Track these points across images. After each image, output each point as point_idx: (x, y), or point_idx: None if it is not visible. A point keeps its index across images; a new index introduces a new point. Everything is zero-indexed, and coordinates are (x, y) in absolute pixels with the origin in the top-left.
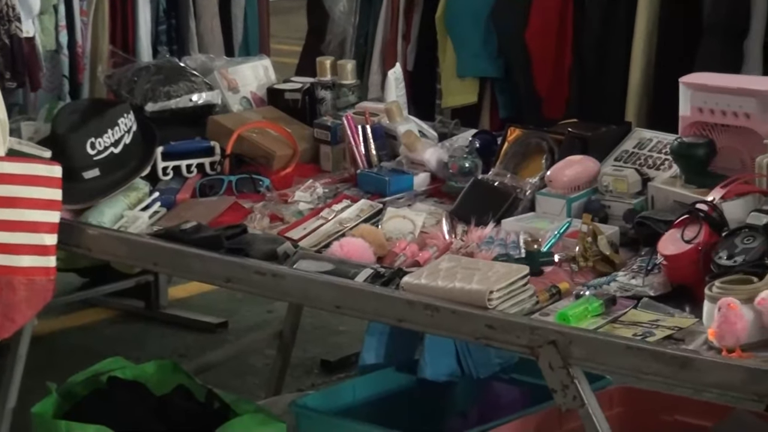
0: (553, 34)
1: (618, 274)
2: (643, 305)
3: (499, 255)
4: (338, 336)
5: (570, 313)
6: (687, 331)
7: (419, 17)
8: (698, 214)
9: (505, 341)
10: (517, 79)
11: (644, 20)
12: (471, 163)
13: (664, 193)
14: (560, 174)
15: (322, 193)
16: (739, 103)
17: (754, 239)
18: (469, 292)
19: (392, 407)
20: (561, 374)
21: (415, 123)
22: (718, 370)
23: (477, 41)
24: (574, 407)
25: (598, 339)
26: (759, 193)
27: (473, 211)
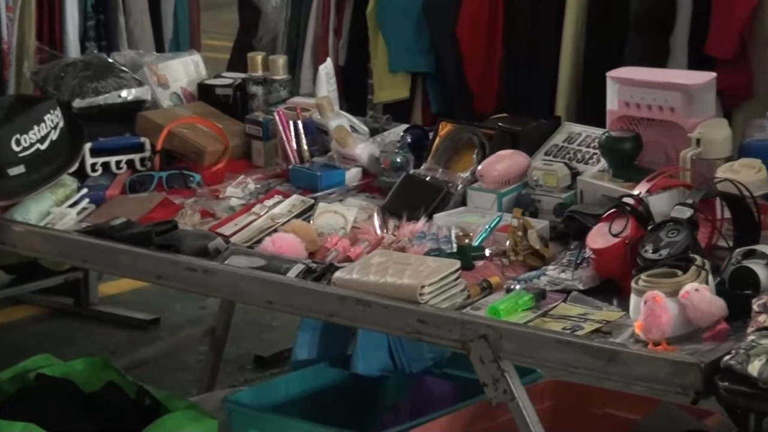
0: (483, 29)
1: (548, 268)
2: (572, 299)
3: (430, 250)
4: (271, 332)
5: (500, 308)
6: (615, 324)
7: (350, 12)
8: (625, 208)
9: (436, 336)
10: (448, 74)
11: (573, 15)
12: (402, 158)
13: (592, 187)
14: (491, 168)
15: (254, 189)
16: (664, 97)
17: (678, 233)
18: (400, 287)
19: (325, 402)
20: (492, 368)
21: (346, 118)
22: (644, 363)
23: (408, 36)
24: (505, 401)
25: (528, 333)
26: (683, 187)
27: (405, 206)
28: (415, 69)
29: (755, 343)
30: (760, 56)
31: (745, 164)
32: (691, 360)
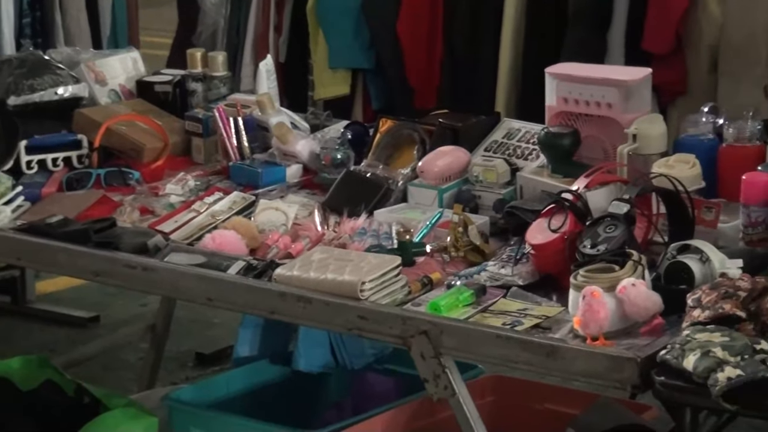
0: (424, 26)
1: (488, 263)
2: (512, 294)
3: (371, 246)
4: (213, 329)
5: (441, 303)
6: (554, 319)
7: (291, 9)
8: (564, 204)
9: (377, 332)
10: (388, 71)
11: (512, 12)
12: (343, 155)
13: (532, 182)
14: (431, 165)
15: (194, 186)
16: (601, 93)
17: (615, 228)
18: (341, 284)
19: (266, 399)
20: (432, 364)
21: (286, 115)
22: (582, 358)
23: (348, 33)
24: (446, 396)
25: (469, 329)
26: (620, 182)
27: (346, 203)
28: (356, 65)
29: (690, 337)
30: (694, 52)
31: (679, 159)
32: (628, 355)
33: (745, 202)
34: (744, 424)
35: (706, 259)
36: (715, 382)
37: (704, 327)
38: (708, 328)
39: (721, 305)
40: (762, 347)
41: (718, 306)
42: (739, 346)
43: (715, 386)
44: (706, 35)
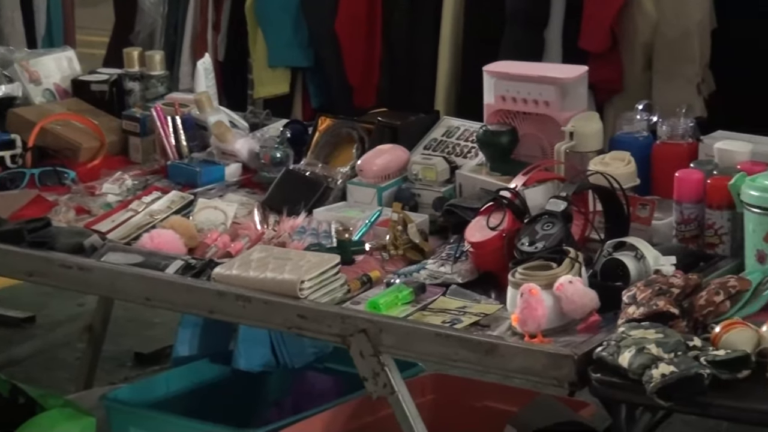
0: (362, 24)
1: (427, 261)
2: (452, 292)
3: (311, 245)
4: (152, 328)
5: (380, 302)
6: (492, 317)
7: (229, 7)
8: (502, 202)
9: (316, 331)
10: (328, 69)
11: (451, 10)
12: (282, 153)
13: (471, 180)
14: (370, 163)
15: (132, 185)
16: (539, 91)
17: (553, 225)
18: (280, 282)
19: (206, 398)
20: (372, 362)
21: (225, 113)
22: (520, 356)
23: (287, 31)
24: (385, 395)
25: (408, 327)
26: (557, 180)
27: (285, 201)
28: (295, 64)
29: (625, 334)
30: (629, 50)
31: (615, 157)
32: (565, 352)
33: (678, 199)
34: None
35: (640, 256)
36: (649, 378)
37: (639, 324)
38: (642, 325)
39: (655, 302)
40: (695, 344)
41: (653, 303)
42: (672, 343)
43: (649, 383)
44: (641, 33)
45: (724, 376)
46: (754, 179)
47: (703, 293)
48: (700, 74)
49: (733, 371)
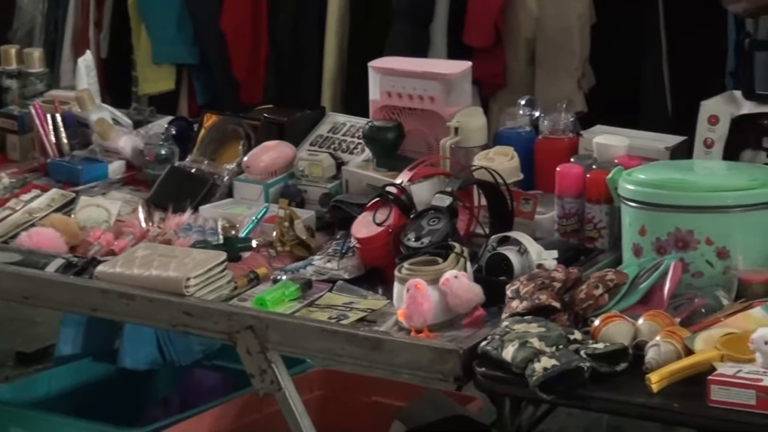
0: (247, 21)
1: (314, 258)
2: (338, 288)
3: (196, 242)
4: (35, 327)
5: (267, 298)
6: (379, 312)
7: (111, 4)
8: (388, 197)
9: (202, 328)
10: (213, 66)
11: (336, 6)
12: (167, 151)
13: (357, 176)
14: (257, 160)
15: (9, 183)
16: (423, 86)
17: (439, 221)
18: (165, 280)
19: (91, 397)
20: (258, 359)
21: (108, 111)
22: (406, 351)
23: (172, 28)
24: (272, 391)
25: (294, 323)
26: (443, 175)
27: (170, 198)
28: (180, 61)
29: (509, 328)
30: (513, 46)
31: (499, 152)
32: (450, 347)
33: (560, 193)
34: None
35: (524, 250)
36: (532, 372)
37: (522, 318)
38: (526, 319)
39: (538, 296)
40: (575, 337)
41: (535, 297)
42: (554, 337)
43: (532, 376)
44: (524, 29)
45: (603, 369)
46: (630, 173)
47: (583, 287)
48: (580, 69)
49: (611, 364)
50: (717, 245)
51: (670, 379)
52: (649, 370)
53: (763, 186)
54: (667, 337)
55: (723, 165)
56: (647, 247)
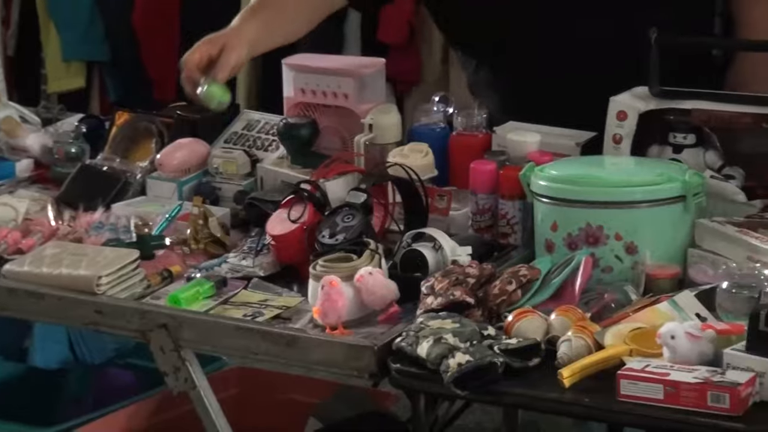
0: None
1: (229, 255)
2: (253, 286)
3: (108, 240)
4: None
5: (181, 296)
6: (294, 310)
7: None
8: (303, 194)
9: (114, 326)
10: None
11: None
12: (77, 148)
13: (272, 173)
14: (170, 157)
15: None
16: (337, 83)
17: (353, 217)
18: (76, 278)
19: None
20: (172, 357)
21: (15, 109)
22: (321, 348)
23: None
24: (186, 390)
25: (209, 321)
26: (357, 172)
27: (81, 197)
28: (91, 58)
29: (423, 324)
30: (427, 43)
31: (413, 148)
32: (365, 343)
33: (473, 190)
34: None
35: (438, 246)
36: (446, 368)
37: (437, 314)
38: (440, 315)
39: (452, 292)
40: (489, 333)
41: (449, 293)
42: (468, 332)
43: (446, 372)
44: None
45: (517, 365)
46: (542, 169)
47: (496, 282)
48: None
49: (524, 359)
50: (626, 240)
51: (582, 374)
52: (561, 365)
53: (669, 181)
54: (578, 332)
55: (631, 161)
56: (559, 242)
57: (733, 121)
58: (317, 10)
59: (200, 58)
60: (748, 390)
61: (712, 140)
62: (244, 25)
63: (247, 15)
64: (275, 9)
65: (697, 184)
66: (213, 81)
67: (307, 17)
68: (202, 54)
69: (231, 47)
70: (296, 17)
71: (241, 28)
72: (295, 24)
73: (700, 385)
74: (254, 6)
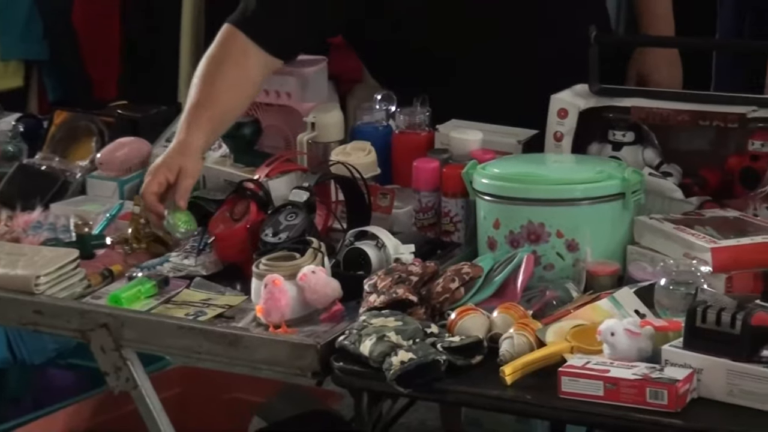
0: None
1: (171, 254)
2: (196, 285)
3: (47, 240)
4: None
5: (122, 296)
6: (237, 308)
7: None
8: (246, 193)
9: (54, 326)
10: (65, 62)
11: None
12: (15, 148)
13: (214, 172)
14: (111, 156)
15: None
16: (280, 82)
17: (296, 216)
18: (14, 278)
19: None
20: (113, 357)
21: None
22: (264, 347)
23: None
24: (127, 389)
25: (150, 320)
26: (300, 171)
27: (19, 196)
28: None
29: (366, 322)
30: None
31: (356, 147)
32: (308, 342)
33: (416, 188)
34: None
35: (381, 245)
36: (389, 366)
37: (380, 312)
38: (383, 313)
39: (395, 290)
40: (432, 331)
41: (392, 291)
42: (411, 330)
43: (389, 370)
44: None
45: (460, 362)
46: (484, 167)
47: (440, 280)
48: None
49: (467, 357)
50: (567, 238)
51: (523, 371)
52: (503, 363)
53: (608, 178)
54: (520, 330)
55: (572, 158)
56: (501, 240)
57: (671, 119)
58: (254, 86)
59: (159, 187)
60: (686, 386)
61: (651, 138)
62: (190, 136)
63: (191, 121)
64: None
65: (636, 182)
66: (176, 210)
67: (245, 99)
68: (161, 182)
69: (187, 172)
70: (235, 106)
71: (189, 142)
72: (235, 111)
73: (639, 382)
74: (194, 109)
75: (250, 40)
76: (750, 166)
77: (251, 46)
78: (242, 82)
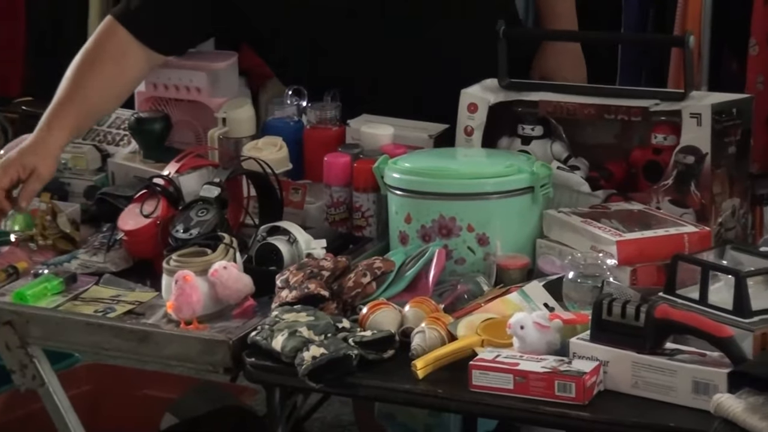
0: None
1: (79, 251)
2: (105, 281)
3: None
4: None
5: (28, 293)
6: (147, 305)
7: None
8: (156, 189)
9: None
10: None
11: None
12: None
13: (124, 168)
14: None
15: None
16: (190, 77)
17: (207, 212)
18: None
19: None
20: (19, 354)
21: None
22: (175, 343)
23: None
24: (34, 387)
25: (57, 317)
26: (211, 166)
27: None
28: None
29: (278, 318)
30: None
31: (267, 142)
32: (220, 337)
33: (327, 183)
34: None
35: (293, 240)
36: (301, 361)
37: (292, 307)
38: (295, 309)
39: (307, 285)
40: (344, 325)
41: (304, 286)
42: (322, 325)
43: (301, 365)
44: None
45: (371, 357)
46: (396, 161)
47: (351, 275)
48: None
49: (379, 351)
50: (477, 232)
51: (435, 365)
52: (414, 357)
53: (518, 172)
54: (431, 324)
55: (482, 152)
56: (413, 234)
57: (578, 112)
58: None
59: (10, 183)
60: (593, 379)
61: (559, 132)
62: (51, 135)
63: (55, 118)
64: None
65: (544, 176)
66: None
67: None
68: (12, 179)
69: (39, 175)
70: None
71: (49, 142)
72: (105, 110)
73: (547, 375)
74: (60, 105)
75: (132, 37)
76: (653, 160)
77: (132, 43)
78: (116, 81)
